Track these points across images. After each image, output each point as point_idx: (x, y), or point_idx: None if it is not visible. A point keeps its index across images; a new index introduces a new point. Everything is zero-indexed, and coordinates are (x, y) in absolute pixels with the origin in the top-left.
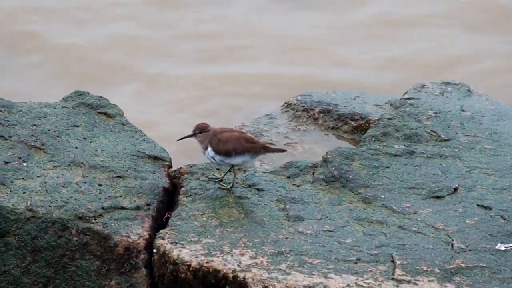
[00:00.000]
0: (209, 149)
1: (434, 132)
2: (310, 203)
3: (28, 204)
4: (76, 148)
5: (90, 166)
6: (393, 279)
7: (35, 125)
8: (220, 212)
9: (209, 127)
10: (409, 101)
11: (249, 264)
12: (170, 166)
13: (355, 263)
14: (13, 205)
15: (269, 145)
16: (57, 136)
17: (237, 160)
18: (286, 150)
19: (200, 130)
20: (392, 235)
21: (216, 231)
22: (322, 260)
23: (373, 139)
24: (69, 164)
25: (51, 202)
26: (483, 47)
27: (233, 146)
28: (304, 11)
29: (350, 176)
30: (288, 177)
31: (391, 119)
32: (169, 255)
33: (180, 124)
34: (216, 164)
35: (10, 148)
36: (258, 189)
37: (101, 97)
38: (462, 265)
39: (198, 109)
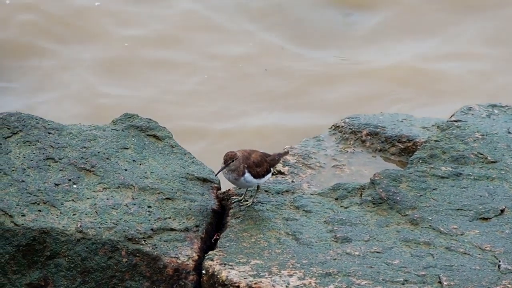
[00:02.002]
0: (247, 174)
1: (481, 154)
2: (357, 224)
3: (78, 225)
4: (126, 170)
5: (140, 188)
6: None
7: (85, 147)
8: (268, 234)
9: (237, 154)
10: (456, 124)
11: (297, 285)
12: (219, 188)
13: (403, 284)
14: (63, 226)
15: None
16: (107, 159)
17: (266, 178)
18: (289, 152)
19: (232, 159)
20: (439, 256)
21: (264, 252)
22: (369, 281)
23: (420, 161)
24: (119, 186)
25: (101, 224)
26: None
27: (265, 167)
28: None
29: (398, 198)
30: (336, 199)
31: (438, 141)
32: (218, 276)
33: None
34: (245, 186)
35: (60, 170)
36: (306, 211)
37: (150, 119)
38: (509, 286)
39: (248, 130)
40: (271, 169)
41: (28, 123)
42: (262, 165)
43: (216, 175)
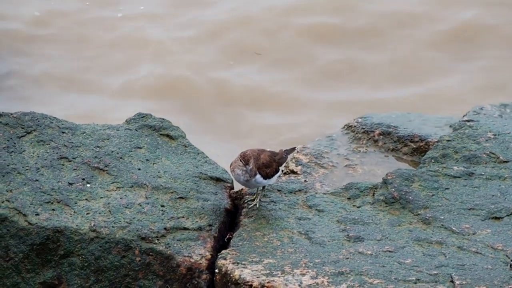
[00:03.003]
0: (257, 176)
1: (493, 153)
2: (370, 224)
3: (92, 224)
4: (139, 169)
5: (153, 187)
6: None
7: (98, 146)
8: (281, 233)
9: (249, 154)
10: (468, 123)
11: (310, 284)
12: (232, 188)
13: (415, 283)
14: (77, 225)
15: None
16: (120, 158)
17: (275, 177)
18: (295, 148)
19: (250, 159)
20: (451, 255)
21: (277, 251)
22: (382, 280)
23: (433, 161)
24: (132, 185)
25: (114, 223)
26: None
27: (274, 167)
28: None
29: (410, 197)
30: (349, 198)
31: (450, 141)
32: (231, 275)
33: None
34: (255, 186)
35: (74, 169)
36: (318, 210)
37: (163, 119)
38: None
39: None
40: (280, 168)
41: (42, 123)
42: (271, 165)
43: (249, 180)
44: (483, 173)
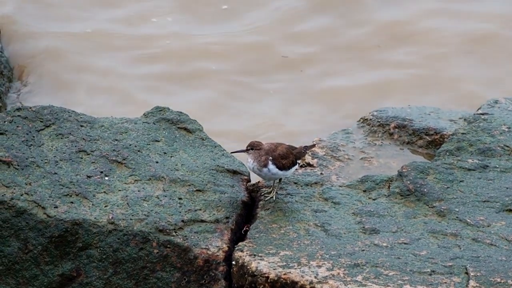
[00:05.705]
0: (271, 166)
1: (507, 146)
2: (385, 216)
3: (110, 217)
4: (157, 162)
5: (171, 180)
6: None
7: (116, 140)
8: (297, 225)
9: (262, 145)
10: (482, 116)
11: (326, 276)
12: (249, 180)
13: (430, 274)
14: (95, 218)
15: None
16: (138, 151)
17: (292, 170)
18: (315, 145)
19: (252, 147)
20: (466, 247)
21: (293, 243)
22: (397, 272)
23: (448, 154)
24: (150, 178)
25: (132, 215)
26: None
27: (291, 159)
28: None
29: (425, 190)
30: (364, 191)
31: (465, 133)
32: (248, 267)
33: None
34: (271, 178)
35: (92, 162)
36: (334, 202)
37: (181, 112)
38: None
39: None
40: (297, 161)
41: (61, 116)
42: (287, 157)
43: (231, 153)
44: (497, 166)
